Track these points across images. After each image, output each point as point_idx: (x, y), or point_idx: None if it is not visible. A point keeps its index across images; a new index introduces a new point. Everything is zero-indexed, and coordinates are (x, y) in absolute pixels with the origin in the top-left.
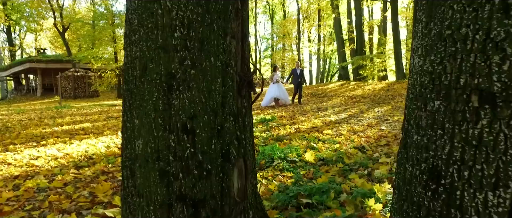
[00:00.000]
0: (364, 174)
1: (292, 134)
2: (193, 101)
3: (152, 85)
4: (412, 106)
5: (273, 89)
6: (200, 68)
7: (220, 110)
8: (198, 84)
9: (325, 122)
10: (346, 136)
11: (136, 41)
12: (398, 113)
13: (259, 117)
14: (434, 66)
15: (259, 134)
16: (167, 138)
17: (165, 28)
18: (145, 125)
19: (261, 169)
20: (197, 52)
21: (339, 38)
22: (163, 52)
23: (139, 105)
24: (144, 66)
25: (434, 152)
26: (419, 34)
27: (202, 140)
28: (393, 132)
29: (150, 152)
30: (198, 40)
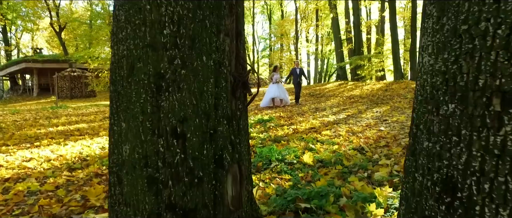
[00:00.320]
0: (364, 177)
1: (290, 134)
2: (184, 103)
3: (140, 86)
4: (422, 109)
5: (272, 89)
6: (191, 68)
7: (213, 112)
8: (189, 85)
9: (323, 123)
10: (344, 137)
11: (123, 39)
12: (396, 113)
13: (257, 117)
14: (448, 66)
15: (257, 135)
16: (156, 142)
17: (153, 25)
18: (132, 128)
19: (258, 171)
20: (188, 51)
21: (337, 38)
22: (151, 51)
23: (126, 108)
24: (131, 65)
25: (449, 161)
26: (429, 30)
27: (193, 144)
28: (392, 133)
29: (138, 157)
30: (189, 38)
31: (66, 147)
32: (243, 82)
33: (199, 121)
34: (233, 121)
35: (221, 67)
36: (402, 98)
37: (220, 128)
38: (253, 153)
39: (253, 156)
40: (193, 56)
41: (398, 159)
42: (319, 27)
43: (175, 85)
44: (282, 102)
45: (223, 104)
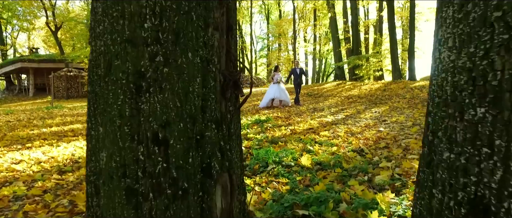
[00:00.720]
0: (364, 180)
1: (287, 135)
2: (166, 105)
3: (118, 86)
4: (440, 113)
5: (273, 89)
6: (175, 66)
7: (200, 115)
8: (172, 85)
9: (321, 123)
10: (343, 138)
11: (100, 34)
12: (395, 113)
13: (254, 117)
14: (475, 62)
15: (253, 136)
16: (135, 150)
17: (133, 18)
18: (109, 134)
19: (254, 174)
20: (171, 47)
21: (335, 38)
22: (130, 47)
23: (103, 111)
24: (108, 63)
25: (478, 177)
26: (449, 20)
27: (177, 152)
28: (392, 134)
29: (115, 166)
30: (172, 32)
31: (58, 148)
32: (234, 81)
33: (184, 125)
34: (223, 125)
35: (209, 65)
36: (401, 98)
37: (207, 133)
38: (250, 155)
39: (249, 158)
40: (177, 53)
41: (399, 161)
42: (317, 27)
43: (156, 85)
44: (281, 103)
45: (212, 107)
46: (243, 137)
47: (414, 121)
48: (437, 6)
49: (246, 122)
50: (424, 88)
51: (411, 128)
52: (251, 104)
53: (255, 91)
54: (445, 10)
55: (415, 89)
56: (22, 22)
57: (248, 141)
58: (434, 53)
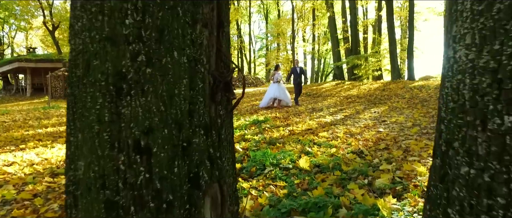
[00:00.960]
0: (364, 184)
1: (285, 136)
2: (149, 110)
3: (96, 88)
4: (456, 121)
5: (272, 89)
6: (159, 66)
7: (187, 120)
8: (156, 87)
9: (320, 123)
10: (342, 139)
11: (78, 31)
12: (395, 113)
13: (252, 117)
14: (502, 61)
15: (251, 137)
16: (115, 158)
17: (113, 13)
18: (87, 140)
19: (251, 177)
20: (155, 45)
21: (334, 38)
22: (110, 45)
23: (81, 115)
24: (87, 63)
25: (507, 199)
26: (466, 13)
27: (161, 161)
28: (391, 135)
29: (94, 176)
30: (156, 29)
31: (52, 149)
32: (225, 83)
33: (169, 131)
34: (213, 131)
35: (197, 65)
36: (400, 98)
37: (195, 140)
38: (247, 157)
39: (246, 160)
40: (161, 52)
41: (400, 163)
42: (315, 26)
43: (138, 87)
44: (281, 103)
45: (200, 111)
46: (240, 138)
47: (414, 121)
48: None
49: (243, 123)
50: (423, 88)
51: (411, 128)
52: (250, 104)
53: (253, 91)
54: (461, 2)
55: (414, 89)
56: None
57: (246, 142)
58: (446, 51)
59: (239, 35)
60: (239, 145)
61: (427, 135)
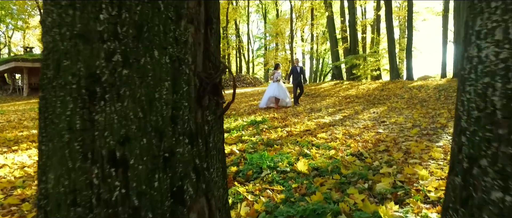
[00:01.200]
0: (365, 188)
1: (283, 137)
2: (126, 116)
3: (67, 92)
4: (483, 134)
5: (272, 88)
6: (137, 67)
7: (169, 128)
8: (133, 91)
9: (319, 124)
10: (341, 140)
11: (49, 28)
12: (394, 114)
13: (250, 118)
14: None
15: (248, 138)
16: (88, 171)
17: (85, 7)
18: (57, 151)
19: (248, 180)
20: (133, 43)
21: (332, 37)
22: (82, 43)
23: (51, 122)
24: (57, 64)
25: None
26: (496, 3)
27: (139, 174)
28: (391, 136)
29: (64, 191)
30: (134, 25)
31: None
32: (213, 85)
33: (148, 141)
34: (199, 139)
35: (182, 66)
36: (399, 99)
37: (179, 149)
38: (243, 159)
39: (243, 163)
40: (139, 51)
41: (400, 166)
42: (314, 26)
43: (114, 91)
44: (280, 102)
45: (184, 117)
46: (237, 139)
47: (414, 122)
48: None
49: (241, 123)
50: (422, 88)
51: (411, 129)
52: (248, 104)
53: (252, 91)
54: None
55: (414, 89)
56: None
57: (243, 143)
58: (467, 50)
59: (238, 35)
60: (236, 146)
61: (427, 136)
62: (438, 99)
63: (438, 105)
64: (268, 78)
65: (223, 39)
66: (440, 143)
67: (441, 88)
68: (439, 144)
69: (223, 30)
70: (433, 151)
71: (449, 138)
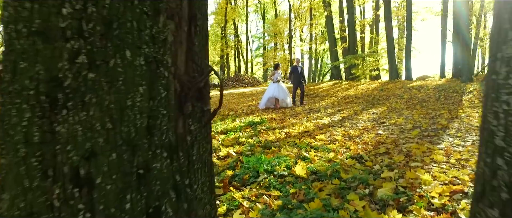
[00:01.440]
0: (365, 194)
1: (281, 139)
2: (91, 127)
3: (23, 99)
4: None
5: (272, 89)
6: (106, 70)
7: (144, 140)
8: (101, 98)
9: (317, 125)
10: (341, 142)
11: (6, 23)
12: (394, 114)
13: (247, 119)
14: None
15: (246, 140)
16: (48, 191)
17: (46, 0)
18: (13, 167)
19: (244, 185)
20: (100, 42)
21: (331, 37)
22: (42, 42)
23: (6, 134)
24: (13, 65)
25: None
26: None
27: (107, 195)
28: (391, 137)
29: (19, 215)
30: (101, 21)
31: None
32: (197, 90)
33: (118, 155)
34: (180, 152)
35: (160, 68)
36: (399, 99)
37: (156, 165)
38: (240, 162)
39: (239, 166)
40: (108, 51)
41: (402, 169)
42: (313, 26)
43: (78, 98)
44: (280, 103)
45: (162, 127)
46: (234, 141)
47: (414, 123)
48: None
49: (239, 125)
50: (422, 88)
51: (411, 131)
52: (246, 104)
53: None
54: None
55: (413, 90)
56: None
57: (240, 145)
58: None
59: (236, 34)
60: (233, 148)
61: (428, 137)
62: (438, 99)
63: (438, 106)
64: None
65: (222, 39)
66: (442, 145)
67: (440, 88)
68: (441, 146)
69: (222, 30)
70: (434, 154)
71: (451, 139)
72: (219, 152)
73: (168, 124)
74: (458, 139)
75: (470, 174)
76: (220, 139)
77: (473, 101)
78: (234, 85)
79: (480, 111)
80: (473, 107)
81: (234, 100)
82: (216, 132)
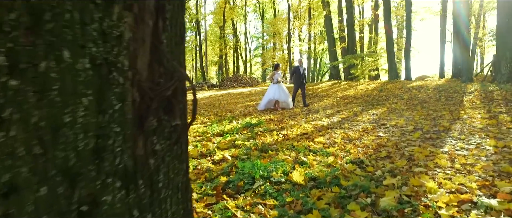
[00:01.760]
0: (367, 204)
1: (279, 142)
2: (12, 153)
3: None
4: None
5: (272, 90)
6: (33, 75)
7: (90, 167)
8: (27, 113)
9: (316, 127)
10: (340, 145)
11: None
12: (394, 116)
13: (245, 120)
14: None
15: (242, 143)
16: None
17: None
18: None
19: (238, 193)
20: (26, 38)
21: (330, 37)
22: None
23: None
24: None
25: None
26: None
27: None
28: (392, 140)
29: None
30: (27, 10)
31: None
32: (164, 99)
33: (50, 189)
34: (139, 180)
35: (112, 73)
36: (399, 99)
37: (106, 198)
38: (235, 168)
39: (234, 172)
40: (37, 50)
41: (405, 175)
42: (311, 25)
43: None
44: (279, 105)
45: (115, 149)
46: (230, 143)
47: (415, 124)
48: None
49: (235, 126)
50: (422, 88)
51: (413, 133)
52: (244, 105)
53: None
54: None
55: (413, 90)
56: None
57: (236, 148)
58: None
59: (235, 34)
60: (228, 152)
61: (430, 140)
62: (438, 100)
63: (439, 107)
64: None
65: (220, 39)
66: (445, 148)
67: (441, 89)
68: (444, 150)
69: (221, 30)
70: (438, 158)
71: (454, 142)
72: (214, 155)
73: (123, 145)
74: (462, 141)
75: (477, 180)
76: (216, 141)
77: (474, 102)
78: (232, 85)
79: (482, 112)
80: (474, 108)
81: (232, 100)
82: (212, 134)
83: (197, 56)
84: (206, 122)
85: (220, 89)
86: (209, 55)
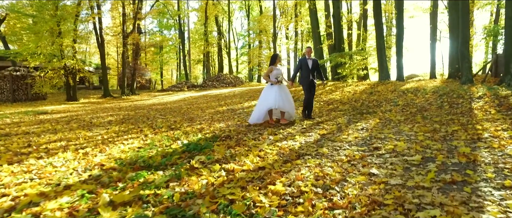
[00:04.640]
0: None
1: (215, 187)
2: None
3: None
4: None
5: (272, 96)
6: None
7: None
8: None
9: (282, 153)
10: (308, 202)
11: None
12: (390, 131)
13: (197, 137)
14: None
15: (152, 195)
16: None
17: None
18: None
19: None
20: None
21: (316, 33)
22: None
23: None
24: None
25: None
26: None
27: None
28: (394, 188)
29: None
30: None
31: None
32: None
33: None
34: None
35: None
36: (393, 106)
37: None
38: None
39: None
40: None
41: None
42: (298, 23)
43: None
44: (283, 116)
45: None
46: (134, 196)
47: (421, 149)
48: None
49: (169, 151)
50: (418, 92)
51: (420, 167)
52: (214, 110)
53: (227, 93)
54: None
55: (408, 93)
56: None
57: (135, 206)
58: None
59: (219, 32)
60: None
61: (454, 187)
62: (441, 107)
63: (443, 117)
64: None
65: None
66: (486, 214)
67: (440, 92)
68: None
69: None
70: None
71: (496, 194)
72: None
73: None
74: (508, 191)
75: None
76: (111, 191)
77: (487, 111)
78: (214, 85)
79: (506, 125)
80: (492, 121)
81: (203, 105)
82: (128, 166)
83: (180, 55)
84: (146, 138)
85: (200, 90)
86: (193, 54)
